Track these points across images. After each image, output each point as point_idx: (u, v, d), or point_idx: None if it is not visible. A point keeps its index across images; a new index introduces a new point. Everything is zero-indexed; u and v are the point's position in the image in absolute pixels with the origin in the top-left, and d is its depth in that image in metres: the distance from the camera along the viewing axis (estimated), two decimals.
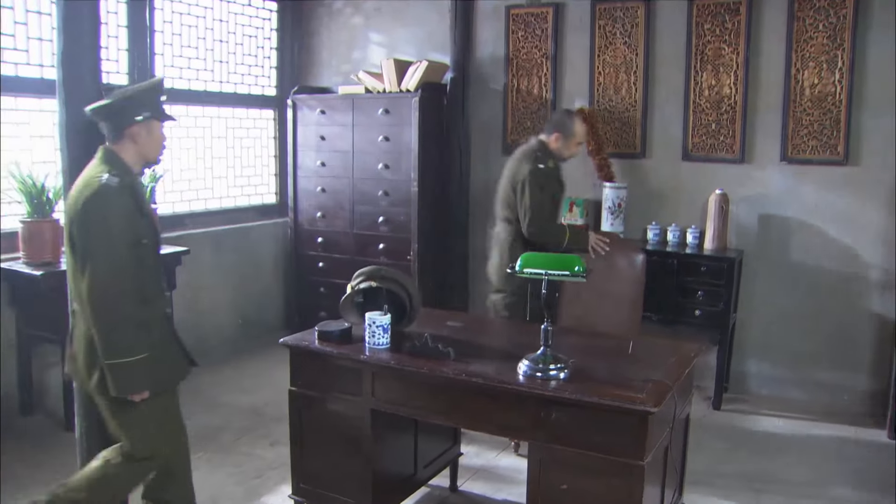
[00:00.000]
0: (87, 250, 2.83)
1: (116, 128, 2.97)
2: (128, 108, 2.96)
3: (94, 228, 2.83)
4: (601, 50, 5.67)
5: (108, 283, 2.82)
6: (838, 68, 5.06)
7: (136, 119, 2.96)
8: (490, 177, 6.06)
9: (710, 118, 5.38)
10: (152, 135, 3.02)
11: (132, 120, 2.96)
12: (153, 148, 3.05)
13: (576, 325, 4.27)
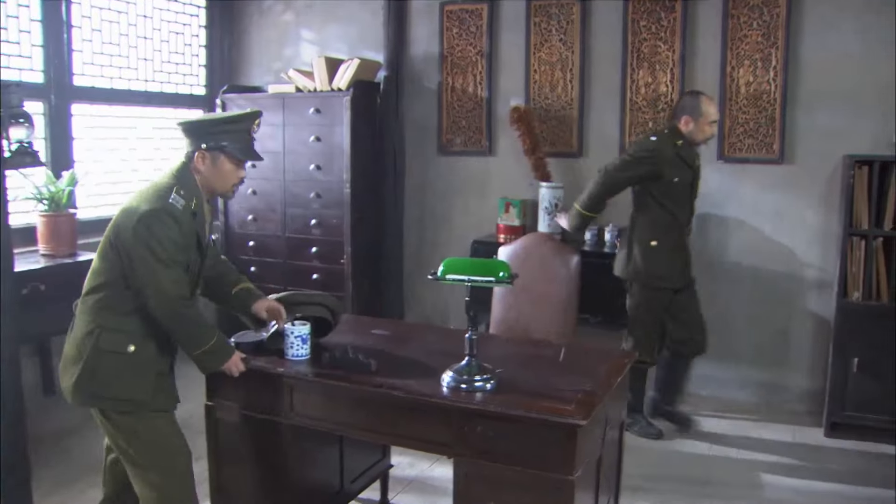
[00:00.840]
0: (146, 267, 2.74)
1: (190, 148, 2.90)
2: (198, 133, 2.89)
3: (151, 244, 2.73)
4: (537, 47, 5.56)
5: (170, 296, 2.78)
6: (772, 66, 5.02)
7: (201, 146, 2.87)
8: (426, 176, 5.95)
9: (647, 116, 5.31)
10: (217, 168, 2.91)
11: (198, 146, 2.87)
12: (217, 181, 2.94)
13: (509, 331, 4.16)
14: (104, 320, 2.80)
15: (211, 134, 2.86)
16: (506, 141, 5.68)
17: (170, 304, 2.77)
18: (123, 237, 2.75)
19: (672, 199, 4.52)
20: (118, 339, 2.80)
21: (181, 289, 2.81)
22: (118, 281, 2.80)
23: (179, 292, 2.79)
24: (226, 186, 2.96)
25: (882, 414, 4.62)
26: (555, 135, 5.57)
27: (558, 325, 4.25)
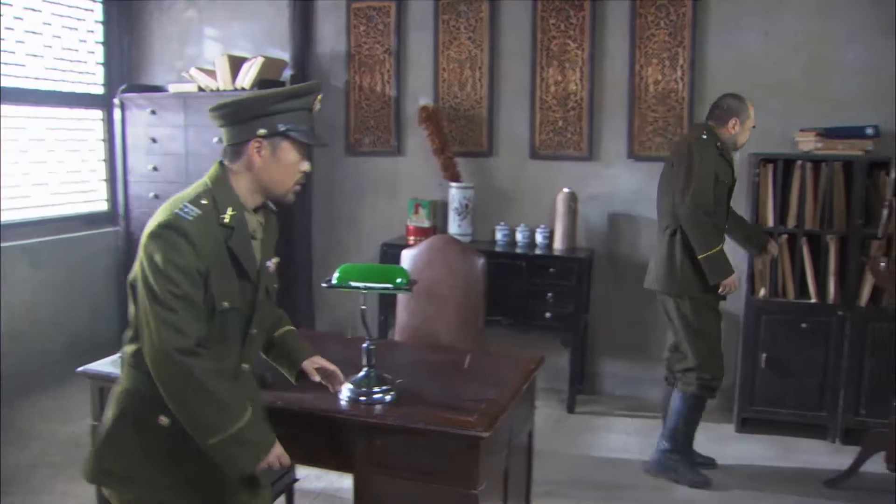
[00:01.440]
0: (143, 305, 2.04)
1: (232, 141, 2.16)
2: (249, 115, 2.13)
3: (147, 274, 2.04)
4: (445, 46, 5.46)
5: (162, 346, 2.02)
6: (680, 65, 5.02)
7: (258, 132, 2.13)
8: (334, 177, 5.80)
9: (557, 115, 5.26)
10: (278, 160, 2.17)
11: (252, 132, 2.13)
12: (278, 177, 2.21)
13: (414, 337, 4.06)
14: (136, 380, 2.15)
15: (269, 115, 2.12)
16: (415, 140, 5.57)
17: (159, 357, 2.02)
18: (135, 266, 2.11)
19: (719, 204, 4.04)
20: (149, 406, 2.13)
21: (183, 336, 2.02)
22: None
23: (178, 341, 2.01)
24: (288, 184, 2.25)
25: (790, 408, 4.67)
26: (464, 134, 5.48)
27: (466, 329, 4.16)
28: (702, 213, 3.92)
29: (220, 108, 2.14)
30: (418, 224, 5.37)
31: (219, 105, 2.14)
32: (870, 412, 4.54)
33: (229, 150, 2.18)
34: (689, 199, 3.91)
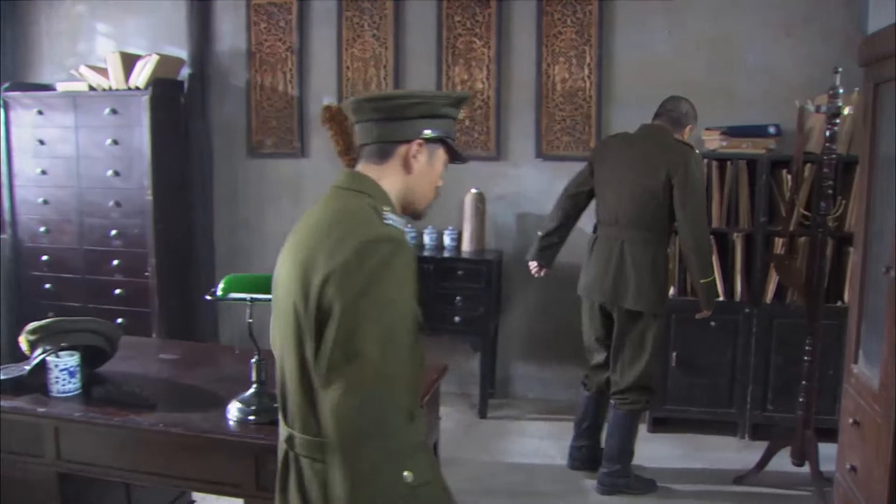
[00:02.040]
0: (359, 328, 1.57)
1: (388, 139, 1.82)
2: (420, 113, 1.79)
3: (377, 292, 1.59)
4: (349, 43, 5.29)
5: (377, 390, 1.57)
6: (587, 64, 4.97)
7: (423, 133, 1.80)
8: (236, 180, 5.57)
9: (464, 114, 5.15)
10: (433, 168, 1.87)
11: (417, 133, 1.79)
12: (426, 186, 1.89)
13: None
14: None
15: (436, 117, 1.82)
16: (319, 142, 5.38)
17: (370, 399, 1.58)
18: (326, 299, 1.61)
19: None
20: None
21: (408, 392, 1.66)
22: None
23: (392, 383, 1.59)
24: (430, 196, 1.94)
25: (700, 406, 4.67)
26: None
27: None
28: (708, 234, 3.82)
29: (385, 100, 1.80)
30: None
31: (383, 96, 1.80)
32: (776, 408, 4.59)
33: (374, 148, 1.84)
34: (696, 218, 3.71)
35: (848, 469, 3.13)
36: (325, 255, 1.62)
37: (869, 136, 3.12)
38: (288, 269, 1.73)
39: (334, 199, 1.82)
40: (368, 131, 1.85)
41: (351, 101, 1.86)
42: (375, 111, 1.80)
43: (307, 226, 1.78)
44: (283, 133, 5.46)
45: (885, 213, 3.00)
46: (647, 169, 3.77)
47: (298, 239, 1.76)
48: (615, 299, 3.87)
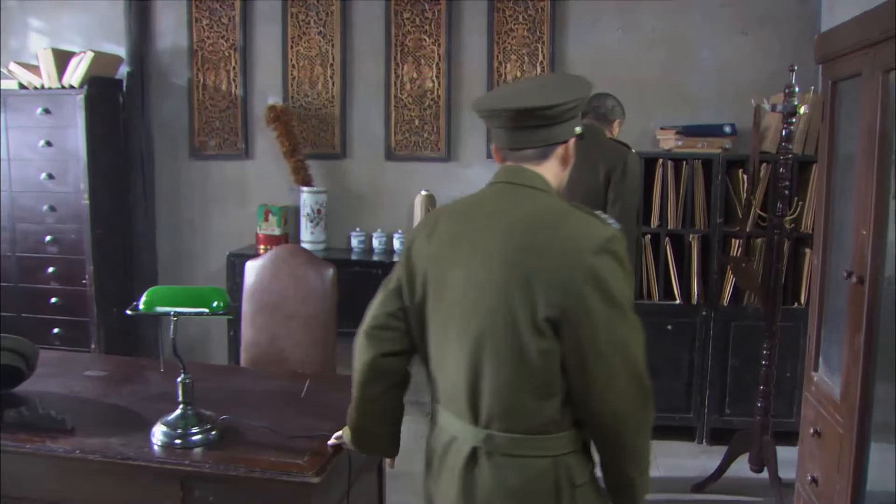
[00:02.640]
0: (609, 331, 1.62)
1: (551, 142, 1.77)
2: (578, 112, 1.80)
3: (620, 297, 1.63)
4: (295, 41, 5.08)
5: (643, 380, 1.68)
6: (539, 62, 4.83)
7: (576, 131, 1.80)
8: (178, 183, 5.34)
9: (413, 114, 4.97)
10: (568, 163, 1.85)
11: (572, 132, 1.79)
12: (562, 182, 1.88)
13: (261, 355, 3.71)
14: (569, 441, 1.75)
15: (580, 115, 1.85)
16: (264, 142, 5.16)
17: (644, 391, 1.70)
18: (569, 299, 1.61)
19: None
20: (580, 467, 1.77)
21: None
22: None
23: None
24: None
25: (658, 411, 4.39)
26: (316, 135, 5.11)
27: (316, 346, 3.83)
28: (634, 234, 3.72)
29: (551, 108, 1.71)
30: (268, 232, 4.98)
31: (549, 104, 1.71)
32: (734, 411, 4.48)
33: (536, 152, 1.76)
34: (623, 217, 3.56)
35: (809, 480, 3.00)
36: (559, 255, 1.61)
37: (827, 135, 3.00)
38: (490, 272, 1.67)
39: (518, 195, 1.75)
40: (527, 137, 1.76)
41: (508, 111, 1.73)
42: (540, 118, 1.72)
43: (504, 226, 1.70)
44: (227, 134, 5.23)
45: (843, 215, 2.88)
46: (586, 168, 3.64)
47: (496, 238, 1.69)
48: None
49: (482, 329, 1.67)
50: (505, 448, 1.69)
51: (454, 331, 1.72)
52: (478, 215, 1.75)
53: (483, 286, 1.67)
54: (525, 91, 1.78)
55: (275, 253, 3.98)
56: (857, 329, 2.55)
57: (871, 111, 2.50)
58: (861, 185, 2.58)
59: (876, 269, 2.47)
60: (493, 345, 1.66)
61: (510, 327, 1.63)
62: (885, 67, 2.43)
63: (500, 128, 1.76)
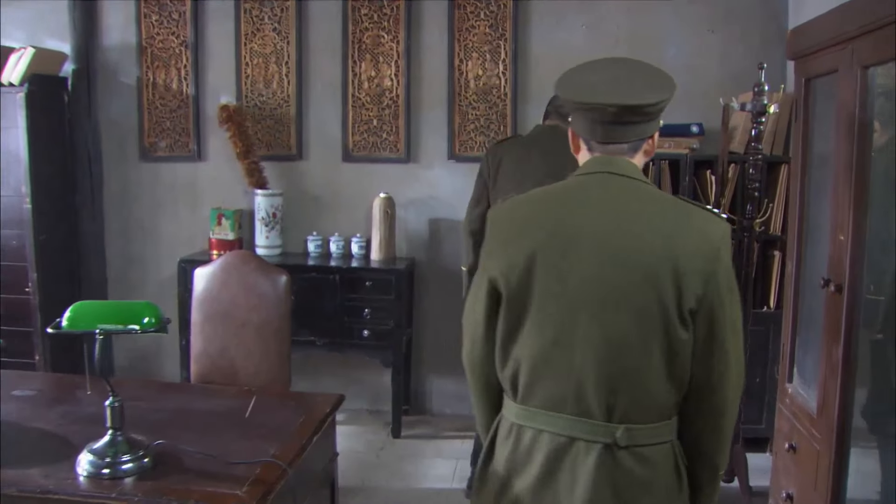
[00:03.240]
0: (734, 335, 1.68)
1: (645, 135, 1.79)
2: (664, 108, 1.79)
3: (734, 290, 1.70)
4: (248, 38, 4.84)
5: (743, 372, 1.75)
6: (501, 59, 4.64)
7: (661, 123, 1.85)
8: (128, 186, 5.08)
9: (371, 114, 4.76)
10: (650, 156, 1.87)
11: (658, 126, 1.84)
12: None
13: (212, 367, 3.50)
14: (674, 427, 1.76)
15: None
16: (217, 144, 4.90)
17: (740, 381, 1.74)
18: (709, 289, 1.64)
19: None
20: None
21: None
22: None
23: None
24: None
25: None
26: (271, 136, 4.87)
27: (269, 356, 3.62)
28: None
29: (656, 104, 1.74)
30: (222, 237, 4.75)
31: (655, 101, 1.74)
32: None
33: (631, 145, 1.77)
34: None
35: (783, 497, 2.84)
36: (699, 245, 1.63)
37: (801, 134, 2.84)
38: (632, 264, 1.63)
39: (628, 186, 1.72)
40: (624, 132, 1.74)
41: (617, 107, 1.69)
42: (643, 114, 1.73)
43: (633, 216, 1.68)
44: (179, 134, 4.97)
45: (818, 218, 2.73)
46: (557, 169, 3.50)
47: (628, 230, 1.65)
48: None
49: (629, 323, 1.63)
50: (640, 439, 1.67)
51: (585, 327, 1.64)
52: (589, 204, 1.70)
53: (626, 279, 1.63)
54: (625, 83, 1.73)
55: (225, 259, 3.77)
56: (835, 341, 2.39)
57: (849, 109, 2.34)
58: (838, 188, 2.42)
59: (855, 277, 2.31)
60: (642, 339, 1.63)
61: (661, 320, 1.62)
62: (864, 63, 2.27)
63: (596, 121, 1.72)
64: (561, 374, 1.67)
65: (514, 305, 1.71)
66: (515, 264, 1.69)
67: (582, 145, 1.80)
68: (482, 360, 1.82)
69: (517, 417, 1.75)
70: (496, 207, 1.84)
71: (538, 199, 1.79)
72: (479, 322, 1.80)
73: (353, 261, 4.64)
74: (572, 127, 1.82)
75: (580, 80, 1.80)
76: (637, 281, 1.62)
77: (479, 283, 1.80)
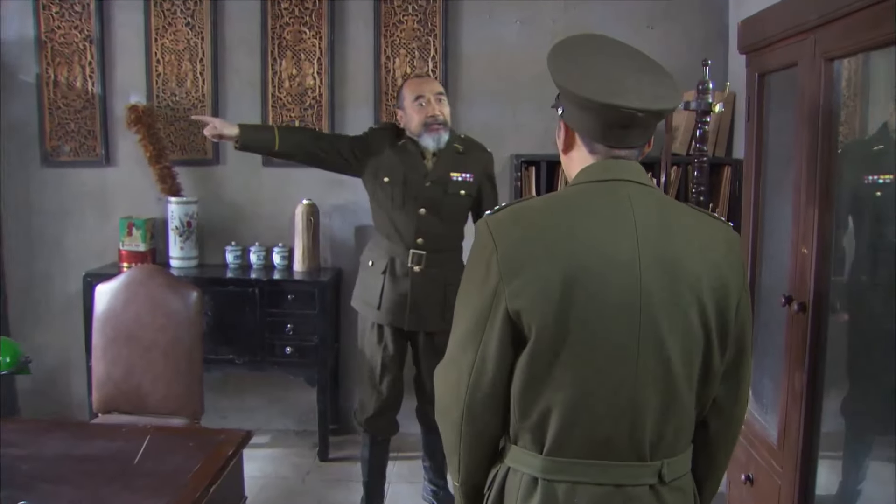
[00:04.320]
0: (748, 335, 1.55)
1: (648, 137, 1.55)
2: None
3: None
4: (159, 33, 4.40)
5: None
6: (431, 56, 4.30)
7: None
8: (28, 194, 4.58)
9: (294, 115, 4.37)
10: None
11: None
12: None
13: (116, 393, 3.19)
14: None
15: None
16: (126, 147, 4.43)
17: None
18: (742, 308, 1.51)
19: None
20: None
21: None
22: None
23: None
24: None
25: None
26: (185, 138, 4.44)
27: (179, 379, 3.30)
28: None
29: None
30: (132, 248, 4.30)
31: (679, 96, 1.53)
32: None
33: (641, 148, 1.54)
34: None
35: None
36: (729, 260, 1.47)
37: (755, 135, 2.55)
38: (669, 288, 1.40)
39: (642, 194, 1.47)
40: (638, 135, 1.50)
41: (644, 112, 1.43)
42: (659, 117, 1.52)
43: (660, 230, 1.43)
44: (84, 137, 4.50)
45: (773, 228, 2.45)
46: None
47: (657, 246, 1.41)
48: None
49: (678, 349, 1.41)
50: (678, 470, 1.50)
51: (638, 359, 1.39)
52: (623, 218, 1.43)
53: (673, 300, 1.40)
54: (649, 83, 1.47)
55: (129, 275, 3.41)
56: (798, 365, 2.10)
57: (812, 107, 2.05)
58: (800, 195, 2.13)
59: (821, 295, 2.02)
60: (686, 364, 1.43)
61: (703, 343, 1.44)
62: (829, 55, 1.98)
63: (614, 125, 1.46)
64: (606, 417, 1.41)
65: (547, 343, 1.39)
66: (549, 294, 1.37)
67: (580, 146, 1.53)
68: (486, 407, 1.48)
69: (543, 472, 1.45)
70: (497, 218, 1.48)
71: (556, 211, 1.47)
72: (490, 361, 1.45)
73: (275, 272, 4.25)
74: (569, 122, 1.54)
75: (600, 74, 1.48)
76: (684, 303, 1.40)
77: (478, 312, 1.45)
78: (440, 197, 3.34)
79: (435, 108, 3.30)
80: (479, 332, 1.45)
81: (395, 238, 3.36)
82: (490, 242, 1.43)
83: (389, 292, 3.35)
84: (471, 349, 1.46)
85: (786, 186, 2.26)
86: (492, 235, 1.44)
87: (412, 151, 3.35)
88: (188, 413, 3.29)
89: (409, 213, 3.32)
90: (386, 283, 3.36)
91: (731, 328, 1.46)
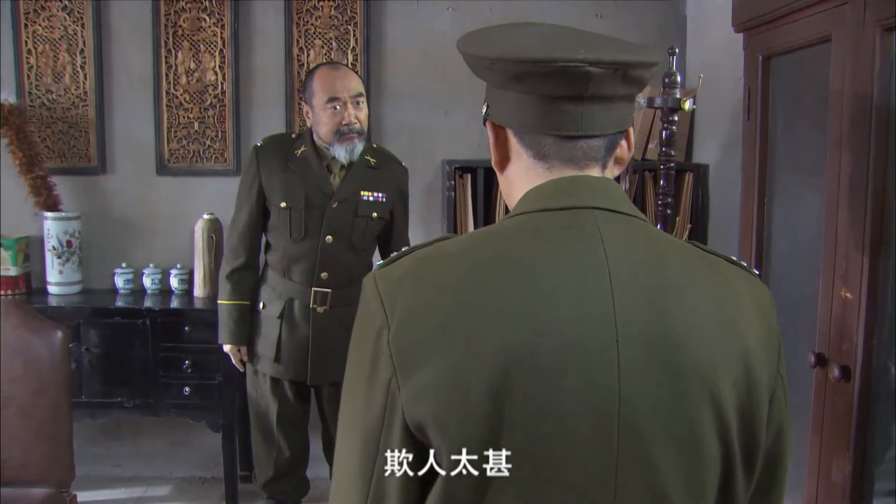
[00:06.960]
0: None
1: (627, 126, 0.96)
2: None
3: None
4: (30, 18, 3.60)
5: None
6: (351, 48, 3.62)
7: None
8: None
9: (192, 115, 3.63)
10: (622, 165, 1.03)
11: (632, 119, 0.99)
12: None
13: None
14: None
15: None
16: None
17: None
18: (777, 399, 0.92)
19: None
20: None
21: None
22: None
23: None
24: None
25: None
26: (64, 143, 3.64)
27: (42, 441, 2.65)
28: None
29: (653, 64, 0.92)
30: (2, 272, 3.52)
31: (651, 60, 0.91)
32: None
33: (607, 142, 0.96)
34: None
35: None
36: (759, 334, 0.91)
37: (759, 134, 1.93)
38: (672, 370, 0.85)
39: (634, 232, 0.92)
40: (602, 116, 0.92)
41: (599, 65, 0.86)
42: (636, 84, 0.92)
43: (662, 283, 0.88)
44: None
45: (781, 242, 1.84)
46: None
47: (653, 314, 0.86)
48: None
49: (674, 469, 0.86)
50: None
51: (613, 484, 0.85)
52: (588, 267, 0.88)
53: (673, 397, 0.86)
54: (595, 39, 0.91)
55: None
56: (838, 449, 1.49)
57: (859, 97, 1.43)
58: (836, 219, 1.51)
59: (872, 357, 1.41)
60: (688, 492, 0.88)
61: (722, 468, 0.89)
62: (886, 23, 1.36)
63: (559, 98, 0.89)
64: None
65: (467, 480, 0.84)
66: (469, 400, 0.83)
67: (519, 151, 0.96)
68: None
69: None
70: (391, 274, 0.92)
71: (483, 261, 0.89)
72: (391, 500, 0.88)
73: (173, 298, 3.51)
74: (498, 118, 0.97)
75: (518, 37, 0.92)
76: (690, 408, 0.86)
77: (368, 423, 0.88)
78: (349, 220, 2.69)
79: (351, 115, 2.64)
80: (370, 452, 0.88)
81: (296, 274, 2.71)
82: (379, 313, 0.89)
83: (287, 340, 2.70)
84: (360, 481, 0.89)
85: (798, 201, 1.65)
86: (381, 302, 0.89)
87: (314, 165, 2.69)
88: (54, 481, 2.62)
89: (311, 242, 2.67)
90: (283, 331, 2.71)
91: (762, 439, 0.91)
